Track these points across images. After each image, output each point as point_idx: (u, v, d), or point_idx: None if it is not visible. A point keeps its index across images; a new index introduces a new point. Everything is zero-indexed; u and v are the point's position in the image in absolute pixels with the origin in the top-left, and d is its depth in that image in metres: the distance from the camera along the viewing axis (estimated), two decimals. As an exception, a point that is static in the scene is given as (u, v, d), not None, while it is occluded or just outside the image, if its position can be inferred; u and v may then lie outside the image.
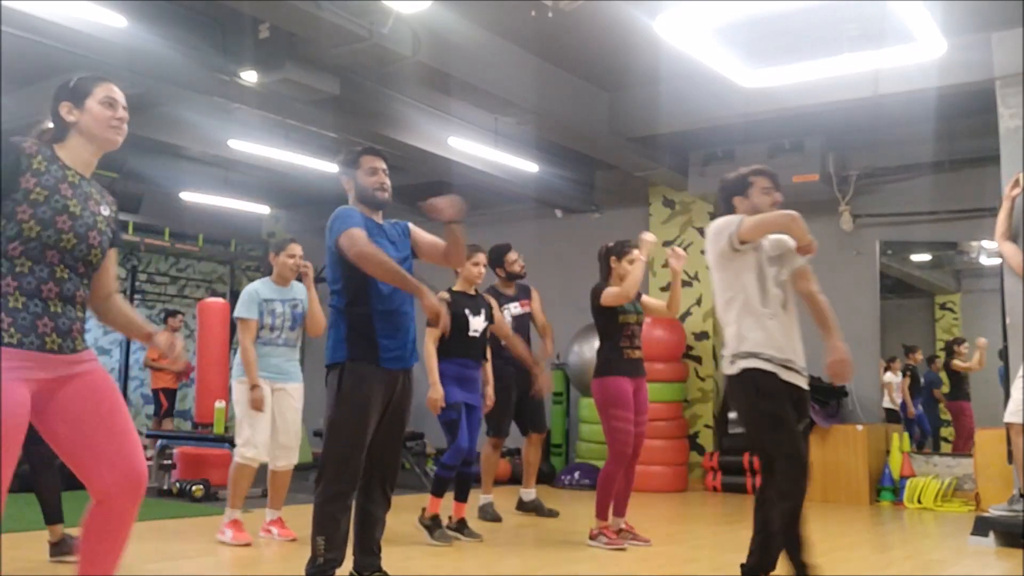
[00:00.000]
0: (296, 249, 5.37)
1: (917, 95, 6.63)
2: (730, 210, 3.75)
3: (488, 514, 6.26)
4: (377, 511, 3.71)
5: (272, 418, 5.21)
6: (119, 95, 2.61)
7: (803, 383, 3.60)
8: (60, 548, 4.39)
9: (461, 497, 5.47)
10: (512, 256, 6.31)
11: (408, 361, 3.69)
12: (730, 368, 3.59)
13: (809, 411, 3.81)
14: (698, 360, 9.14)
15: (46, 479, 4.40)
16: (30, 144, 2.49)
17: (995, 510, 5.56)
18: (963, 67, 6.23)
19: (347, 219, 3.56)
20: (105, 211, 2.61)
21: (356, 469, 3.56)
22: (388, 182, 3.76)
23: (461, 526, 5.44)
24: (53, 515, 4.37)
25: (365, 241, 3.49)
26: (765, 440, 3.53)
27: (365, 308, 3.59)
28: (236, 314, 5.24)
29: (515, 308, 6.31)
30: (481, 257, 5.57)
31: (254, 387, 5.09)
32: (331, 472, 3.54)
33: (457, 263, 4.08)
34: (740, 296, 3.59)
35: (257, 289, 5.29)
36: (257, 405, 5.08)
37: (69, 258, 2.48)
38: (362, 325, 3.58)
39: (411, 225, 3.88)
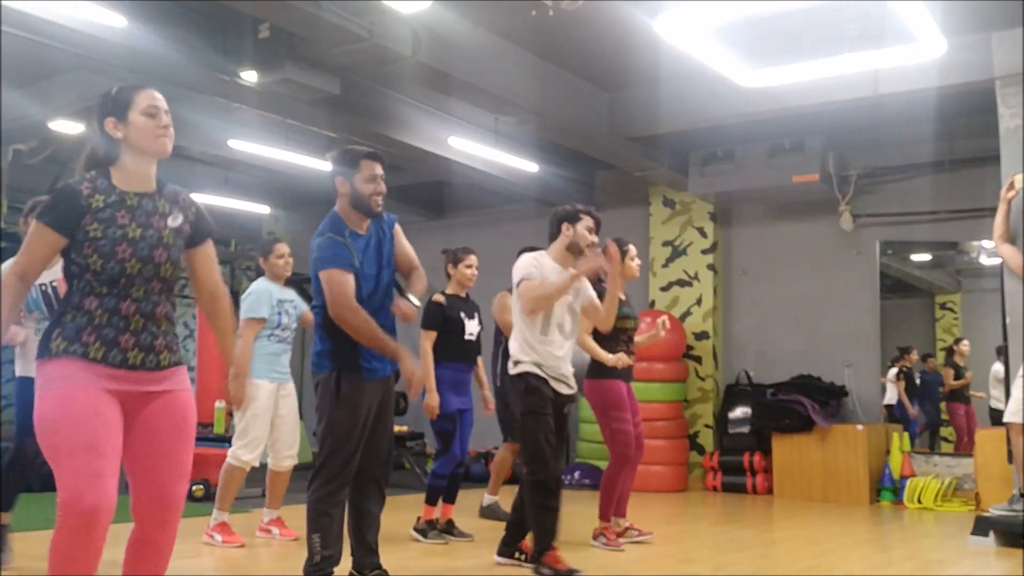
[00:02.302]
0: (283, 248, 5.36)
1: (917, 95, 6.63)
2: (557, 233, 4.48)
3: (494, 514, 6.26)
4: (373, 507, 3.75)
5: (275, 420, 5.20)
6: (160, 101, 2.59)
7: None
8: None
9: (449, 499, 5.49)
10: None
11: (389, 371, 3.73)
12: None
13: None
14: (698, 360, 9.14)
15: (17, 472, 4.36)
16: (85, 186, 2.49)
17: (995, 510, 5.56)
18: (963, 67, 6.22)
19: (333, 255, 3.53)
20: (174, 222, 2.60)
21: (352, 467, 3.62)
22: (384, 189, 3.73)
23: (449, 527, 5.47)
24: (6, 504, 4.28)
25: (347, 299, 3.48)
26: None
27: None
28: (251, 314, 5.09)
29: None
30: (473, 259, 5.55)
31: (239, 375, 4.79)
32: (328, 471, 3.58)
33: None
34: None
35: (270, 289, 5.22)
36: (238, 401, 4.92)
37: (140, 279, 2.49)
38: (343, 340, 3.57)
39: (397, 225, 3.87)
